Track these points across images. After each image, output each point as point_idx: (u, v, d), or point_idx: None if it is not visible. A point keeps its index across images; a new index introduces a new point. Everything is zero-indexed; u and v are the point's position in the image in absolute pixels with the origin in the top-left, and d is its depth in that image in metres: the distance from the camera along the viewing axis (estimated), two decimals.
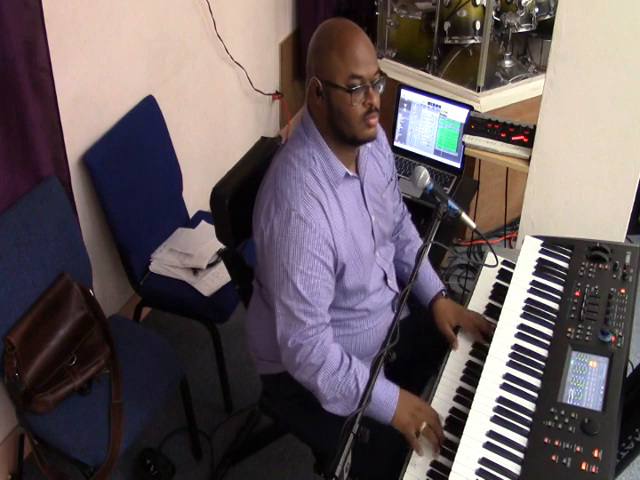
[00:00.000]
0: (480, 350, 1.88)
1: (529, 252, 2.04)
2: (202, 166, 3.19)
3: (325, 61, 1.66)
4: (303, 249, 1.68)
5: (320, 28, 1.72)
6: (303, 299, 1.71)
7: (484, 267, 2.09)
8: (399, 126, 2.92)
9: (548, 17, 3.27)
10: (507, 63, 3.35)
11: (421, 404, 1.76)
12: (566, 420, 1.55)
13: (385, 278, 1.98)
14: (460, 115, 2.77)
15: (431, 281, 2.06)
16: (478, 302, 2.03)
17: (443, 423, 1.72)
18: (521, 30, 3.27)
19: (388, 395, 1.75)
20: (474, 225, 1.81)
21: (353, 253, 1.80)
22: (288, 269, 1.69)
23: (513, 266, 2.03)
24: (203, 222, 2.81)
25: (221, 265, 2.57)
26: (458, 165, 2.85)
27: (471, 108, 2.76)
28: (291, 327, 1.73)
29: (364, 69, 1.66)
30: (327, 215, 1.72)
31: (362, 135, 1.73)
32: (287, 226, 1.68)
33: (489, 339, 1.84)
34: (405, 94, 2.88)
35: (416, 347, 2.01)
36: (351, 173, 1.81)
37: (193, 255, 2.64)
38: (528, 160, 2.34)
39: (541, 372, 1.71)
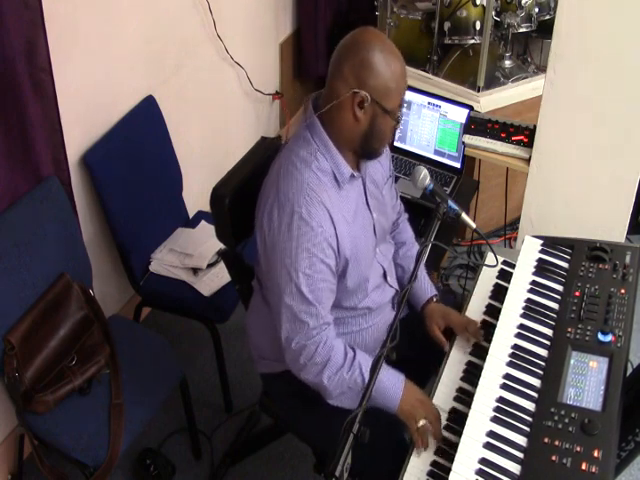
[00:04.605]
0: (480, 350, 1.88)
1: (529, 252, 2.04)
2: (202, 166, 3.19)
3: (381, 83, 1.67)
4: (306, 250, 1.68)
5: (367, 40, 1.67)
6: (306, 300, 1.71)
7: (484, 267, 2.09)
8: (399, 126, 2.91)
9: (548, 17, 3.27)
10: (507, 63, 3.35)
11: (424, 398, 1.77)
12: (566, 420, 1.55)
13: (384, 275, 1.98)
14: (460, 115, 2.77)
15: (424, 286, 2.07)
16: (478, 302, 2.03)
17: (443, 422, 1.72)
18: (521, 30, 3.26)
19: (394, 384, 1.77)
20: (474, 225, 1.81)
21: (355, 252, 1.80)
22: (291, 270, 1.69)
23: (513, 266, 2.03)
24: (203, 222, 2.81)
25: (221, 265, 2.56)
26: (458, 165, 2.85)
27: (471, 108, 2.75)
28: (294, 328, 1.73)
29: (403, 96, 1.76)
30: (331, 215, 1.72)
31: (382, 152, 1.83)
32: (290, 227, 1.68)
33: (486, 338, 1.84)
34: (405, 94, 2.87)
35: (416, 346, 2.01)
36: (355, 173, 1.82)
37: (193, 255, 2.64)
38: (528, 160, 2.34)
39: (541, 372, 1.71)
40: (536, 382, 1.69)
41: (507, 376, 1.71)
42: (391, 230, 2.10)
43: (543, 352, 1.76)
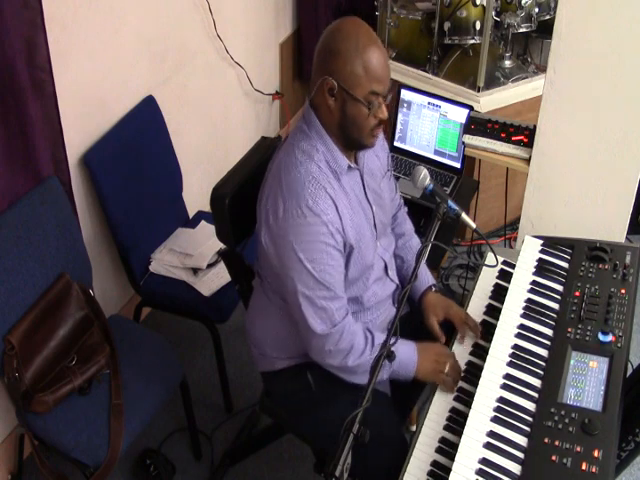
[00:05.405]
0: (480, 350, 1.88)
1: (529, 252, 2.04)
2: (202, 166, 3.19)
3: (347, 69, 1.66)
4: (315, 239, 1.70)
5: (339, 28, 1.71)
6: (322, 286, 1.74)
7: (484, 267, 2.09)
8: (399, 126, 2.92)
9: (548, 17, 3.27)
10: (507, 63, 3.35)
11: (439, 348, 1.87)
12: (566, 420, 1.56)
13: (386, 268, 1.99)
14: (460, 115, 2.77)
15: (422, 276, 2.07)
16: (478, 302, 2.03)
17: (444, 424, 1.73)
18: (521, 30, 3.27)
19: (407, 351, 1.83)
20: (474, 225, 1.82)
21: (358, 240, 1.82)
22: (303, 260, 1.71)
23: (513, 266, 2.03)
24: (203, 222, 2.81)
25: (221, 265, 2.56)
26: (458, 165, 2.85)
27: (471, 108, 2.75)
28: (317, 316, 1.76)
29: (383, 85, 1.70)
30: (335, 203, 1.74)
31: (367, 143, 1.79)
32: (298, 218, 1.69)
33: (486, 338, 1.84)
34: (405, 94, 2.88)
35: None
36: (352, 165, 1.83)
37: (193, 255, 2.64)
38: (528, 160, 2.34)
39: (541, 372, 1.71)
40: (536, 382, 1.69)
41: (507, 376, 1.71)
42: (391, 223, 2.10)
43: (543, 352, 1.76)
